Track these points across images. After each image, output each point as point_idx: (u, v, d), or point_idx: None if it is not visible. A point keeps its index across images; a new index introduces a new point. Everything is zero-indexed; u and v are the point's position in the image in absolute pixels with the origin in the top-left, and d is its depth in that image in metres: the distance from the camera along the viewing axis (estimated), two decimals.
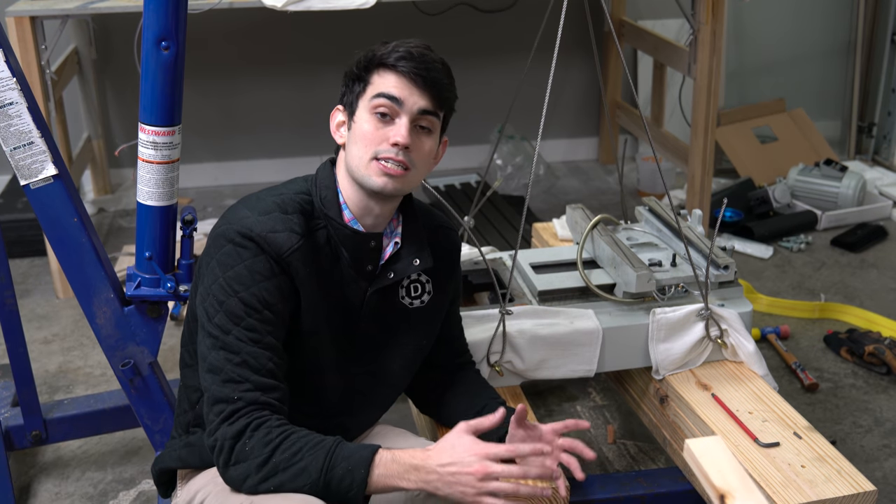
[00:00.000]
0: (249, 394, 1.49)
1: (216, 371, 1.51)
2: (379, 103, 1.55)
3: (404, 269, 1.66)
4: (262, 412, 1.48)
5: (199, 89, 4.13)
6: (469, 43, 4.26)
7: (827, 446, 1.83)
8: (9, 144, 1.81)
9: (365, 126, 1.56)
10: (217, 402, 1.50)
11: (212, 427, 1.50)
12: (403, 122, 1.55)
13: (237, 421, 1.47)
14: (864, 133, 4.62)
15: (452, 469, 1.42)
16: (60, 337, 3.07)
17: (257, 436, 1.46)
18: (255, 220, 1.55)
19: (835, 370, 2.84)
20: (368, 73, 1.58)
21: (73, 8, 3.06)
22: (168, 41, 1.79)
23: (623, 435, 2.53)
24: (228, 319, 1.51)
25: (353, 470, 1.44)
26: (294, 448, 1.46)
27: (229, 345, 1.50)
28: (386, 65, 1.56)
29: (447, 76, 1.59)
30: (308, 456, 1.45)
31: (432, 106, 1.57)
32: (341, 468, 1.44)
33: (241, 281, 1.52)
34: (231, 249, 1.53)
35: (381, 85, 1.56)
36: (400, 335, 1.71)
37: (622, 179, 2.55)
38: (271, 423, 1.48)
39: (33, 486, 2.39)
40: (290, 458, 1.45)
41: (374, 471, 1.44)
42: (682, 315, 2.06)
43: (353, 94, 1.60)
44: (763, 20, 4.52)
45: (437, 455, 1.44)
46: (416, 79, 1.55)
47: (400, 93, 1.55)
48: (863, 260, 3.57)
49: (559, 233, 2.63)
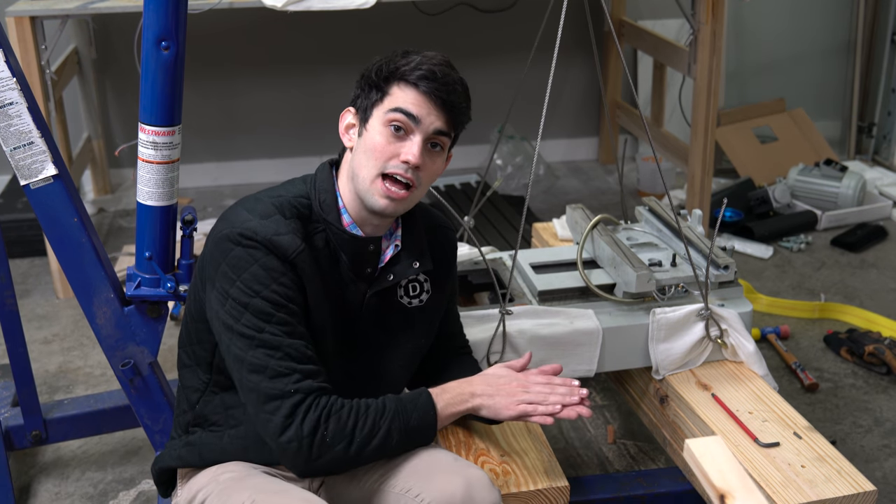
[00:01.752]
0: (302, 384, 1.51)
1: (260, 370, 1.51)
2: (395, 117, 1.55)
3: (404, 271, 1.67)
4: (320, 399, 1.52)
5: (199, 89, 4.13)
6: (469, 43, 4.26)
7: (827, 446, 1.83)
8: (9, 144, 1.81)
9: (377, 137, 1.56)
10: (271, 400, 1.50)
11: (275, 427, 1.50)
12: (417, 140, 1.56)
13: (306, 416, 1.50)
14: (864, 133, 4.62)
15: (501, 382, 1.65)
16: (60, 337, 3.07)
17: (331, 425, 1.51)
18: (257, 223, 1.55)
19: (835, 370, 2.84)
20: (388, 84, 1.57)
21: (73, 8, 3.06)
22: (168, 41, 1.79)
23: (623, 435, 2.53)
24: (258, 319, 1.51)
25: (423, 412, 1.59)
26: (369, 422, 1.54)
27: (267, 342, 1.51)
28: (408, 80, 1.56)
29: (465, 99, 1.60)
30: (382, 422, 1.55)
31: (447, 127, 1.59)
32: (415, 419, 1.58)
33: (260, 280, 1.52)
34: (241, 252, 1.53)
35: (400, 99, 1.56)
36: (399, 335, 1.72)
37: (622, 179, 2.55)
38: (335, 406, 1.52)
39: (33, 486, 2.39)
40: (369, 433, 1.53)
41: (438, 406, 1.60)
42: (682, 315, 2.06)
43: (369, 101, 1.59)
44: (763, 20, 4.52)
45: (481, 377, 1.67)
46: (436, 100, 1.56)
47: (418, 111, 1.55)
48: (863, 260, 3.57)
49: (559, 233, 2.63)
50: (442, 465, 1.60)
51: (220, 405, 1.67)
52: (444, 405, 1.61)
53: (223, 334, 1.55)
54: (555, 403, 1.63)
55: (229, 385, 1.66)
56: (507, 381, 1.65)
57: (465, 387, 1.64)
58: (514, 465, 1.80)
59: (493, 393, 1.64)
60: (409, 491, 1.58)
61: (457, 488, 1.55)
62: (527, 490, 1.75)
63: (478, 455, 1.84)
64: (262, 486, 1.58)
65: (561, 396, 1.64)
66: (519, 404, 1.63)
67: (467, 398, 1.63)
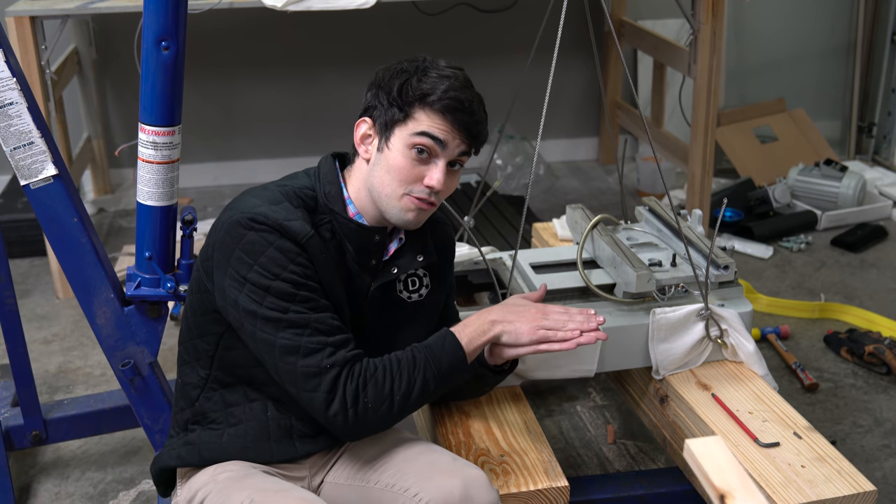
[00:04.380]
0: (336, 356, 1.54)
1: (293, 350, 1.53)
2: (422, 142, 1.56)
3: (408, 264, 1.69)
4: (354, 367, 1.55)
5: (199, 89, 4.13)
6: (469, 43, 4.26)
7: (827, 446, 1.83)
8: (9, 144, 1.81)
9: (401, 159, 1.57)
10: (310, 378, 1.53)
11: (320, 403, 1.53)
12: (441, 165, 1.58)
13: (346, 388, 1.53)
14: (864, 133, 4.62)
15: (519, 308, 1.68)
16: (60, 337, 3.07)
17: (370, 391, 1.54)
18: (267, 208, 1.55)
19: (835, 370, 2.84)
20: (412, 107, 1.57)
21: (73, 8, 3.06)
22: (168, 41, 1.79)
23: (623, 435, 2.53)
24: (282, 300, 1.52)
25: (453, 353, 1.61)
26: (404, 378, 1.57)
27: (294, 321, 1.53)
28: (434, 107, 1.56)
29: (486, 119, 1.63)
30: (416, 374, 1.58)
31: (470, 149, 1.62)
32: (446, 362, 1.60)
33: (278, 263, 1.53)
34: (255, 236, 1.53)
35: (425, 124, 1.56)
36: (399, 329, 1.73)
37: (622, 179, 2.55)
38: (369, 370, 1.55)
39: (33, 486, 2.39)
40: (407, 388, 1.57)
41: (463, 343, 1.62)
42: (682, 315, 2.06)
43: (389, 117, 1.58)
44: (763, 20, 4.52)
45: (500, 305, 1.70)
46: (463, 128, 1.58)
47: (445, 136, 1.57)
48: (863, 260, 3.57)
49: (559, 233, 2.63)
50: (441, 465, 1.60)
51: (220, 402, 1.67)
52: (469, 340, 1.63)
53: (246, 321, 1.55)
54: (573, 329, 1.66)
55: (229, 382, 1.66)
56: (526, 309, 1.68)
57: (484, 316, 1.67)
58: (514, 465, 1.80)
59: (513, 319, 1.66)
60: (408, 490, 1.58)
61: (455, 488, 1.55)
62: (527, 490, 1.75)
63: (478, 455, 1.84)
64: (260, 486, 1.58)
65: (579, 323, 1.67)
66: (538, 329, 1.65)
67: (488, 327, 1.65)
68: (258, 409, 1.65)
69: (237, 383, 1.66)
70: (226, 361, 1.65)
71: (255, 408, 1.65)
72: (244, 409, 1.66)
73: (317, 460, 1.72)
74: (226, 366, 1.65)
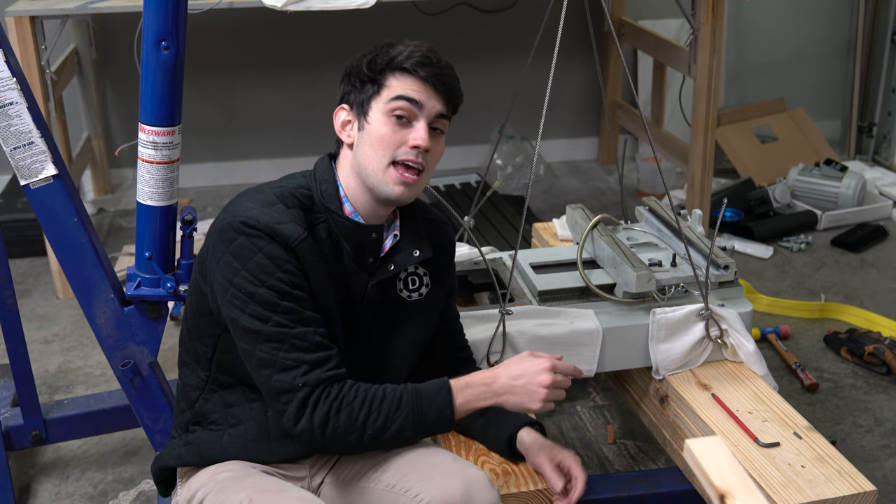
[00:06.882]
0: (310, 375, 1.52)
1: (268, 364, 1.53)
2: (398, 105, 1.57)
3: (404, 260, 1.68)
4: (330, 389, 1.53)
5: (199, 89, 4.13)
6: (469, 43, 4.26)
7: (827, 446, 1.83)
8: (9, 144, 1.81)
9: (382, 128, 1.58)
10: (282, 394, 1.53)
11: (289, 418, 1.53)
12: (422, 125, 1.59)
13: (315, 408, 1.52)
14: (864, 133, 4.62)
15: (522, 381, 1.59)
16: (60, 337, 3.07)
17: (343, 417, 1.53)
18: (259, 211, 1.55)
19: (835, 370, 2.84)
20: (383, 75, 1.59)
21: (73, 8, 3.06)
22: (168, 41, 1.79)
23: (623, 435, 2.53)
24: (264, 309, 1.52)
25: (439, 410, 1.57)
26: (382, 415, 1.54)
27: (272, 335, 1.52)
28: (404, 69, 1.58)
29: (458, 80, 1.64)
30: (396, 416, 1.55)
31: (447, 109, 1.62)
32: (430, 416, 1.56)
33: (265, 269, 1.53)
34: (245, 241, 1.53)
35: (400, 88, 1.58)
36: (399, 328, 1.73)
37: (622, 179, 2.55)
38: (346, 397, 1.54)
39: (33, 486, 2.39)
40: (382, 426, 1.54)
41: (456, 403, 1.58)
42: (682, 315, 2.06)
43: (365, 94, 1.61)
44: (763, 20, 4.52)
45: (506, 370, 1.61)
46: (436, 83, 1.59)
47: (419, 96, 1.58)
48: (863, 260, 3.57)
49: (559, 233, 2.63)
50: (441, 466, 1.60)
51: (220, 403, 1.67)
52: (465, 401, 1.59)
53: (230, 327, 1.57)
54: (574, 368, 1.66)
55: (229, 383, 1.66)
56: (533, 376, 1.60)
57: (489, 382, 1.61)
58: (515, 465, 1.80)
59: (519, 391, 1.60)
60: (409, 491, 1.58)
61: (456, 488, 1.55)
62: (527, 490, 1.75)
63: (478, 455, 1.84)
64: (260, 485, 1.58)
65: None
66: (546, 401, 1.60)
67: (491, 397, 1.61)
68: (258, 410, 1.65)
69: (236, 384, 1.66)
70: (224, 363, 1.65)
71: (255, 408, 1.65)
72: (244, 410, 1.66)
73: (317, 460, 1.72)
74: (224, 367, 1.65)
